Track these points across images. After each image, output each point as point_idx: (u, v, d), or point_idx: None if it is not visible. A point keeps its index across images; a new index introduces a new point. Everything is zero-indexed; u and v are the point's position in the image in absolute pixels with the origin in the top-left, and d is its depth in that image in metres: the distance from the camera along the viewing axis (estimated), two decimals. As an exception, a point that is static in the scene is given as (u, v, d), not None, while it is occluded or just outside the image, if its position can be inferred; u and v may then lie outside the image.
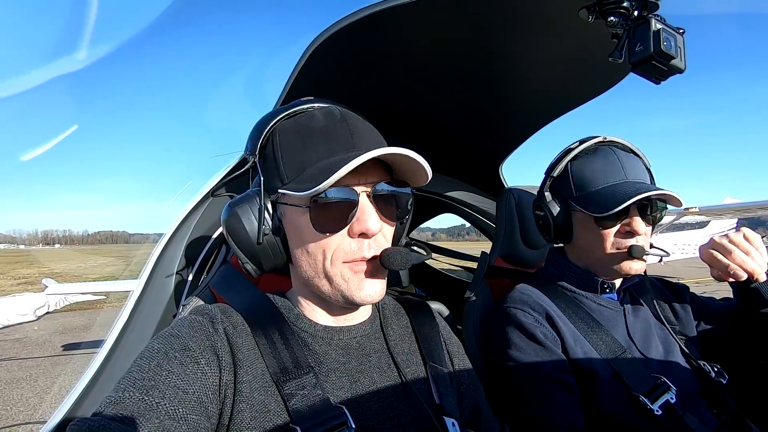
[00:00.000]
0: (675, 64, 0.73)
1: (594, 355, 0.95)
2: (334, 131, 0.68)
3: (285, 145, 0.69)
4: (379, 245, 0.68)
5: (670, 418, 0.87)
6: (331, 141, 0.67)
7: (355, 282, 0.67)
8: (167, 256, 1.17)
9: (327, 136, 0.67)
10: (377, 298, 0.69)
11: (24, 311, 7.94)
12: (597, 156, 1.04)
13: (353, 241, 0.66)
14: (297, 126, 0.70)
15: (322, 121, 0.69)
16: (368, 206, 0.66)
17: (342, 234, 0.66)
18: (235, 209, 0.70)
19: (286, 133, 0.70)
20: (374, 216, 0.66)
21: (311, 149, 0.66)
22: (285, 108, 0.74)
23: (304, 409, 0.61)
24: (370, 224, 0.64)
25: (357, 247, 0.66)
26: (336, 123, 0.69)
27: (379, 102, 0.97)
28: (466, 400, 0.79)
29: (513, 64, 1.14)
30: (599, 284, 1.05)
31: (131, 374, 0.55)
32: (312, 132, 0.68)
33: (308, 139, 0.67)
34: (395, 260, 0.66)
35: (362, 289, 0.67)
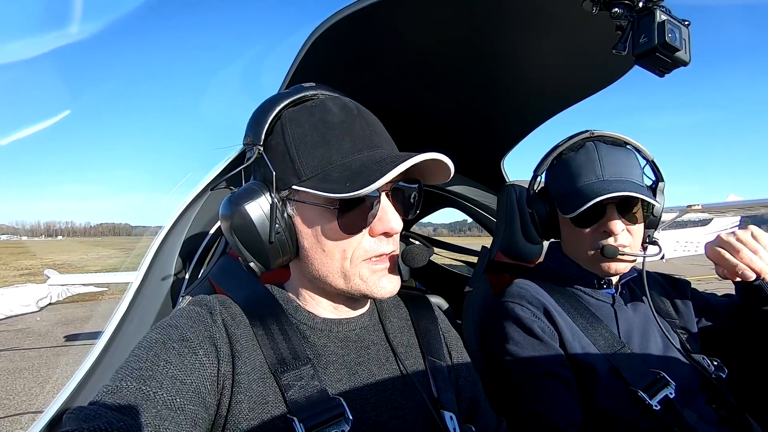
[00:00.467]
0: (679, 57, 0.72)
1: (592, 349, 0.95)
2: (353, 127, 0.66)
3: (300, 139, 0.64)
4: (395, 242, 0.69)
5: (668, 413, 0.87)
6: (352, 138, 0.65)
7: (373, 280, 0.67)
8: (166, 248, 1.17)
9: (347, 132, 0.65)
10: (395, 292, 0.70)
11: (26, 302, 8.01)
12: (579, 154, 1.03)
13: (374, 240, 0.67)
14: (312, 119, 0.65)
15: (339, 115, 0.66)
16: (389, 205, 0.66)
17: (363, 233, 0.66)
18: (241, 205, 0.64)
19: (300, 124, 0.65)
20: (396, 215, 0.66)
21: (333, 146, 0.64)
22: (288, 94, 0.69)
23: (301, 400, 0.61)
24: (393, 224, 0.65)
25: (377, 245, 0.67)
26: (354, 118, 0.66)
27: (380, 96, 0.96)
28: (464, 393, 0.79)
29: (516, 58, 1.13)
30: (596, 280, 1.04)
31: (129, 364, 0.55)
32: (332, 127, 0.65)
33: (328, 134, 0.64)
34: (417, 257, 0.70)
35: (381, 286, 0.68)
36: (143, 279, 1.12)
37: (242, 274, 0.86)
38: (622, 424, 0.88)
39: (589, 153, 1.02)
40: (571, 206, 0.96)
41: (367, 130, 0.66)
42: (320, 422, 0.58)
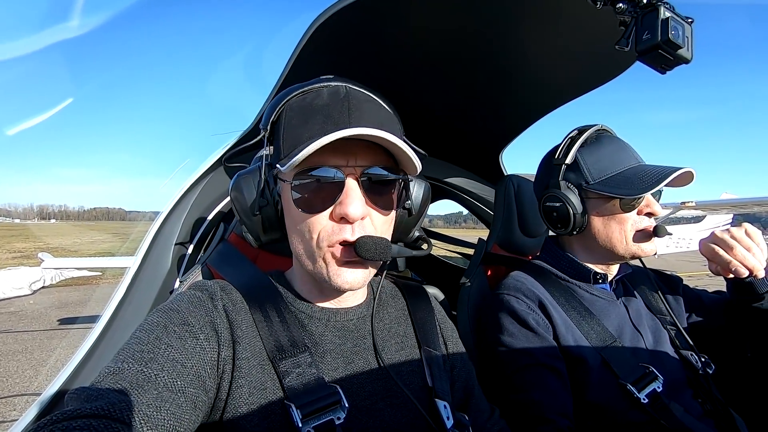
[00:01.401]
0: (681, 54, 0.72)
1: (584, 343, 0.97)
2: (333, 109, 0.65)
3: (288, 122, 0.68)
4: (365, 232, 0.65)
5: (655, 406, 0.89)
6: (327, 119, 0.64)
7: (333, 268, 0.65)
8: (165, 233, 1.17)
9: (324, 113, 0.65)
10: (356, 286, 0.67)
11: (20, 285, 7.97)
12: (603, 142, 1.04)
13: (336, 225, 0.65)
14: (302, 103, 0.68)
15: (325, 99, 0.67)
16: (354, 190, 0.64)
17: (324, 215, 0.64)
18: (239, 179, 0.71)
19: (293, 109, 0.69)
20: (357, 200, 0.63)
21: (308, 127, 0.65)
22: (302, 85, 0.72)
23: (298, 387, 0.62)
24: (350, 209, 0.62)
25: (339, 230, 0.64)
26: (338, 101, 0.66)
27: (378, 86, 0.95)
28: (459, 382, 0.81)
29: (518, 50, 1.12)
30: (592, 275, 1.05)
31: (130, 346, 0.56)
32: (314, 110, 0.66)
33: (309, 116, 0.66)
34: (370, 250, 0.63)
35: (340, 275, 0.65)
36: (141, 263, 1.12)
37: (241, 261, 0.87)
38: (611, 415, 0.90)
39: (614, 141, 1.04)
40: (631, 187, 0.95)
41: (345, 112, 0.65)
42: (316, 409, 0.60)
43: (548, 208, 1.06)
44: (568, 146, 1.06)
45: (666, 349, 1.02)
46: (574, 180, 1.04)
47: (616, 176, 0.99)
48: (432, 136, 1.63)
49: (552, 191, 1.05)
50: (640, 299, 1.12)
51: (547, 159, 1.12)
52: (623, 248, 1.00)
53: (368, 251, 0.63)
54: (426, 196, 0.79)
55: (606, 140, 1.04)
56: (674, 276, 1.21)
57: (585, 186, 1.02)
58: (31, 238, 28.91)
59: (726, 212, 14.31)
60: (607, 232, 1.01)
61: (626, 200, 0.97)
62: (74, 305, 7.23)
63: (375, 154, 0.66)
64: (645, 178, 0.95)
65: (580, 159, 1.03)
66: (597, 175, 1.01)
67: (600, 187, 1.00)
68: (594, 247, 1.05)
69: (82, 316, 6.40)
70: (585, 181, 1.02)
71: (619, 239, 1.00)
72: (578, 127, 1.08)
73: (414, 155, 0.63)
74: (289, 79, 1.08)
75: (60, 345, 5.02)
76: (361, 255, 0.63)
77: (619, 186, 0.97)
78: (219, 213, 1.25)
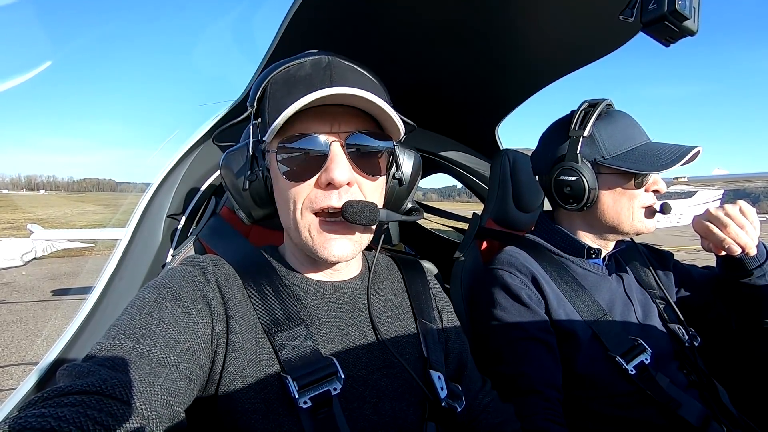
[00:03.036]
0: (687, 26, 0.70)
1: (576, 317, 0.98)
2: (315, 78, 0.64)
3: (272, 95, 0.68)
4: (351, 198, 0.64)
5: (642, 377, 0.92)
6: (310, 87, 0.63)
7: (320, 240, 0.65)
8: (155, 205, 1.16)
9: (307, 83, 0.64)
10: (345, 258, 0.67)
11: (11, 256, 7.92)
12: (615, 117, 1.02)
13: (321, 191, 0.64)
14: (286, 76, 0.68)
15: (308, 69, 0.66)
16: (339, 156, 0.63)
17: (310, 183, 0.64)
18: (228, 157, 0.72)
19: (277, 82, 0.68)
20: (343, 165, 0.63)
21: (291, 96, 0.63)
22: (286, 60, 0.71)
23: (294, 360, 0.62)
24: (335, 173, 0.62)
25: (324, 196, 0.64)
26: (320, 70, 0.65)
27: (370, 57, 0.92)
28: (453, 354, 0.82)
29: (516, 20, 1.08)
30: (585, 249, 1.06)
31: (122, 322, 0.55)
32: (296, 80, 0.65)
33: (292, 87, 0.65)
34: (356, 213, 0.62)
35: (326, 248, 0.65)
36: (132, 235, 1.11)
37: (233, 236, 0.86)
38: (599, 386, 0.93)
39: (625, 117, 1.03)
40: (649, 163, 0.94)
41: (328, 80, 0.64)
42: (313, 381, 0.60)
43: (562, 182, 1.02)
44: (583, 119, 1.02)
45: (655, 322, 1.05)
46: (588, 154, 1.01)
47: (631, 152, 0.98)
48: (427, 108, 1.60)
49: (568, 164, 1.01)
50: (631, 274, 1.13)
51: (557, 131, 1.08)
52: (629, 225, 1.01)
53: (354, 214, 0.62)
54: (417, 166, 0.79)
55: (618, 115, 1.03)
56: (666, 251, 1.23)
57: (600, 160, 1.00)
58: (20, 209, 28.56)
59: (717, 188, 14.44)
60: (617, 209, 1.00)
61: (640, 177, 0.97)
62: (67, 276, 7.22)
63: (360, 120, 0.66)
64: (662, 155, 0.94)
65: (596, 133, 1.01)
66: (613, 149, 0.99)
67: (617, 162, 0.98)
68: (598, 223, 1.05)
69: (74, 287, 6.39)
70: (600, 156, 1.00)
71: (627, 215, 1.00)
72: (588, 101, 1.05)
73: (396, 116, 0.63)
74: (276, 53, 1.04)
75: (54, 316, 5.04)
76: (348, 218, 0.62)
77: (636, 161, 0.96)
78: (210, 186, 1.24)
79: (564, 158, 1.03)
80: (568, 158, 1.02)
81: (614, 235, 1.06)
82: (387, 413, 0.66)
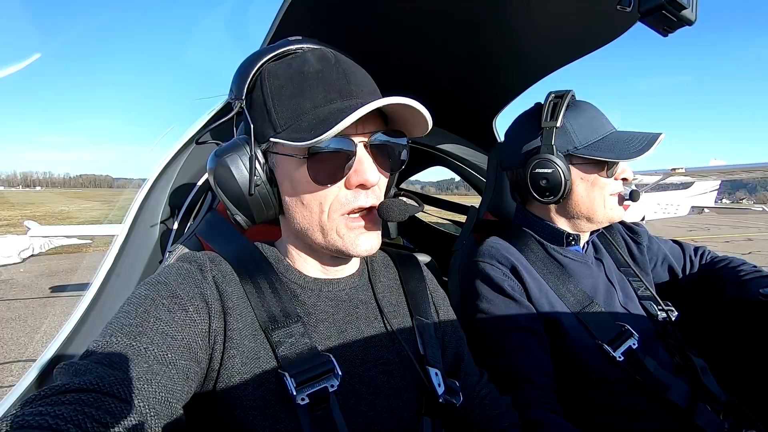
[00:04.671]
0: (685, 15, 0.69)
1: (560, 305, 0.99)
2: (329, 76, 0.64)
3: (277, 91, 0.65)
4: (376, 196, 0.67)
5: (631, 362, 0.93)
6: (327, 87, 0.63)
7: (350, 237, 0.66)
8: (151, 201, 1.15)
9: (322, 81, 0.63)
10: (373, 251, 0.68)
11: (8, 253, 7.90)
12: (582, 108, 1.03)
13: (350, 193, 0.65)
14: (289, 70, 0.65)
15: (316, 65, 0.65)
16: (366, 157, 0.64)
17: (339, 185, 0.64)
18: (223, 158, 0.67)
19: (278, 77, 0.66)
20: (373, 167, 0.64)
21: (306, 96, 0.63)
22: (272, 48, 0.70)
23: (292, 357, 0.62)
24: (368, 175, 0.63)
25: (354, 198, 0.65)
26: (331, 67, 0.65)
27: (368, 48, 0.91)
28: (449, 349, 0.83)
29: (512, 12, 1.07)
30: (565, 237, 1.07)
31: (118, 320, 0.55)
32: (307, 77, 0.64)
33: (303, 84, 0.63)
34: (394, 212, 0.65)
35: (358, 244, 0.66)
36: (129, 231, 1.10)
37: (230, 231, 0.85)
38: (589, 372, 0.94)
39: (590, 107, 1.03)
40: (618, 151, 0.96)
41: (344, 80, 0.64)
42: (310, 377, 0.60)
43: (538, 175, 1.00)
44: (553, 110, 1.01)
45: (636, 303, 1.07)
46: (560, 145, 1.01)
47: (602, 141, 1.00)
48: (423, 101, 1.59)
49: (544, 156, 1.00)
50: (609, 256, 1.15)
51: (525, 124, 1.08)
52: (602, 213, 1.02)
53: (392, 213, 0.66)
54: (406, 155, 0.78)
55: (584, 105, 1.04)
56: (640, 228, 1.26)
57: (573, 151, 1.00)
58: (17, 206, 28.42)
59: (714, 178, 14.48)
60: (590, 198, 1.01)
61: (611, 165, 0.99)
62: (65, 273, 7.21)
63: (376, 120, 0.66)
64: (632, 143, 0.96)
65: (567, 124, 1.01)
66: (584, 140, 1.00)
67: (590, 152, 0.98)
68: (573, 213, 1.05)
69: (72, 284, 6.39)
70: (573, 146, 1.00)
71: (600, 204, 1.02)
72: (553, 92, 1.04)
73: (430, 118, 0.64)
74: (275, 37, 1.03)
75: (53, 312, 5.04)
76: (386, 217, 0.66)
77: (609, 150, 0.97)
78: (207, 182, 1.23)
79: (539, 150, 1.02)
80: (543, 150, 1.01)
81: (588, 224, 1.06)
82: (383, 409, 0.66)
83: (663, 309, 1.04)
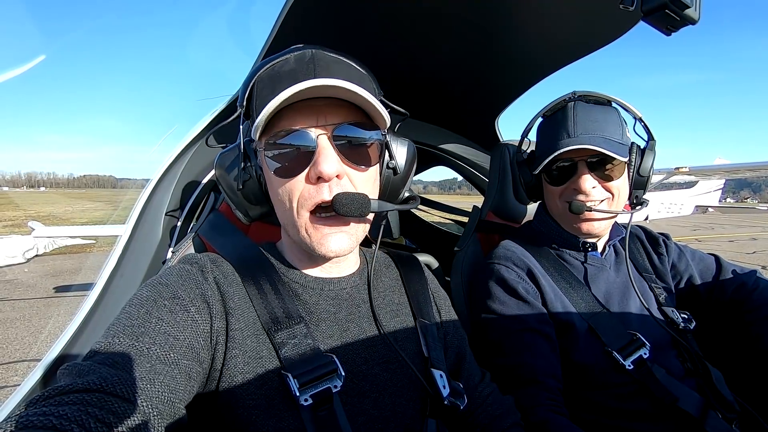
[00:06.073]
0: (689, 14, 0.69)
1: (572, 311, 0.99)
2: (298, 71, 0.64)
3: (258, 93, 0.68)
4: (343, 190, 0.64)
5: (640, 371, 0.92)
6: (293, 82, 0.62)
7: (317, 236, 0.65)
8: (154, 201, 1.15)
9: (292, 77, 0.63)
10: (342, 252, 0.67)
11: (12, 253, 7.94)
12: (557, 115, 1.05)
13: (312, 187, 0.64)
14: (271, 72, 0.67)
15: (292, 64, 0.66)
16: (326, 149, 0.63)
17: (300, 179, 0.64)
18: (221, 158, 0.73)
19: (263, 80, 0.68)
20: (331, 158, 0.62)
21: (275, 93, 0.62)
22: (276, 56, 0.70)
23: (295, 357, 0.62)
24: (323, 167, 0.61)
25: (316, 192, 0.63)
26: (303, 65, 0.65)
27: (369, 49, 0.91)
28: (451, 349, 0.83)
29: (515, 11, 1.07)
30: (581, 243, 1.06)
31: (120, 321, 0.55)
32: (281, 76, 0.65)
33: (276, 82, 0.65)
34: (346, 205, 0.62)
35: (324, 243, 0.65)
36: (132, 232, 1.11)
37: (232, 232, 0.86)
38: (597, 378, 0.94)
39: (566, 112, 1.03)
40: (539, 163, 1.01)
41: (312, 72, 0.63)
42: (313, 378, 0.60)
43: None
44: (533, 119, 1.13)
45: (653, 309, 1.04)
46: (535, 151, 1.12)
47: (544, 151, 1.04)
48: (426, 101, 1.58)
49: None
50: (630, 262, 1.13)
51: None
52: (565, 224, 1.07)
53: (344, 206, 0.62)
54: (411, 155, 0.78)
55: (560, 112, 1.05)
56: (661, 233, 1.23)
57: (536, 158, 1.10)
58: (21, 206, 28.58)
59: (718, 177, 14.39)
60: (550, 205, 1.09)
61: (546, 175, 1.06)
62: (69, 273, 7.24)
63: (346, 111, 0.65)
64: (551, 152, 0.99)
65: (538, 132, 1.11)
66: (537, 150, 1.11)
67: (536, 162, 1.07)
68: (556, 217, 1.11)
69: (76, 284, 6.42)
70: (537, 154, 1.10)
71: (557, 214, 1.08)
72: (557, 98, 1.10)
73: (379, 105, 0.63)
74: (273, 47, 1.03)
75: (57, 312, 5.07)
76: (338, 211, 0.62)
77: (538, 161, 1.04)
78: (210, 181, 1.23)
79: None
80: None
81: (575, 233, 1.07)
82: (387, 407, 0.66)
83: (680, 317, 1.02)
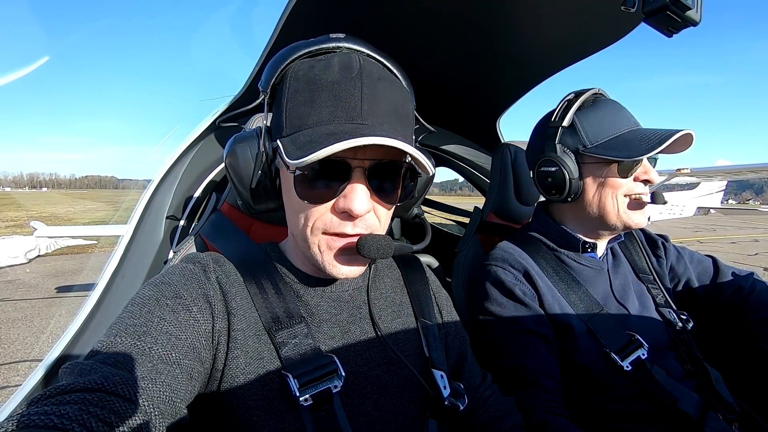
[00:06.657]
0: (690, 16, 0.69)
1: (571, 312, 0.98)
2: (343, 91, 0.59)
3: (293, 93, 0.62)
4: (367, 225, 0.62)
5: (639, 373, 0.92)
6: (336, 102, 0.58)
7: (329, 257, 0.63)
8: (156, 202, 1.16)
9: (334, 95, 0.59)
10: (351, 276, 0.65)
11: (14, 254, 7.96)
12: (599, 106, 1.01)
13: (335, 217, 0.61)
14: (310, 74, 0.61)
15: (335, 74, 0.60)
16: (359, 185, 0.59)
17: (326, 206, 0.61)
18: (235, 147, 0.66)
19: (297, 78, 0.62)
20: (363, 196, 0.59)
21: (315, 107, 0.59)
22: (309, 43, 0.66)
23: (295, 357, 0.62)
24: (355, 204, 0.58)
25: (339, 224, 0.61)
26: (348, 81, 0.59)
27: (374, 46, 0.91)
28: (453, 349, 0.83)
29: (516, 11, 1.07)
30: (581, 244, 1.05)
31: (122, 320, 0.55)
32: (321, 86, 0.60)
33: (315, 94, 0.60)
34: (372, 250, 0.60)
35: (336, 266, 0.63)
36: (134, 232, 1.11)
37: (234, 232, 0.86)
38: (596, 380, 0.93)
39: (611, 104, 1.00)
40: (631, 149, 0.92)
41: (357, 98, 0.59)
42: (314, 378, 0.60)
43: (543, 173, 1.02)
44: (564, 109, 1.02)
45: (651, 311, 1.04)
46: (570, 144, 1.00)
47: (614, 139, 0.96)
48: (427, 101, 1.59)
49: (548, 155, 1.01)
50: (627, 263, 1.13)
51: (542, 123, 1.08)
52: (615, 217, 0.98)
53: (367, 250, 0.60)
54: (429, 178, 0.75)
55: (603, 103, 1.01)
56: (660, 234, 1.22)
57: (582, 150, 0.99)
58: (23, 207, 28.65)
59: (720, 179, 14.36)
60: (601, 200, 0.98)
61: (624, 165, 0.95)
62: (70, 273, 7.25)
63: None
64: (645, 141, 0.91)
65: (578, 122, 1.00)
66: (594, 138, 0.98)
67: (598, 151, 0.96)
68: (585, 216, 1.03)
69: (78, 284, 6.43)
70: (582, 145, 0.99)
71: (612, 208, 0.98)
72: (574, 91, 1.04)
73: (427, 161, 0.59)
74: (276, 45, 1.03)
75: (58, 312, 5.08)
76: (362, 253, 0.60)
77: (617, 149, 0.94)
78: (211, 182, 1.24)
79: (544, 149, 1.03)
80: (548, 149, 1.02)
81: (603, 229, 1.03)
82: (387, 409, 0.66)
83: (678, 318, 1.02)
